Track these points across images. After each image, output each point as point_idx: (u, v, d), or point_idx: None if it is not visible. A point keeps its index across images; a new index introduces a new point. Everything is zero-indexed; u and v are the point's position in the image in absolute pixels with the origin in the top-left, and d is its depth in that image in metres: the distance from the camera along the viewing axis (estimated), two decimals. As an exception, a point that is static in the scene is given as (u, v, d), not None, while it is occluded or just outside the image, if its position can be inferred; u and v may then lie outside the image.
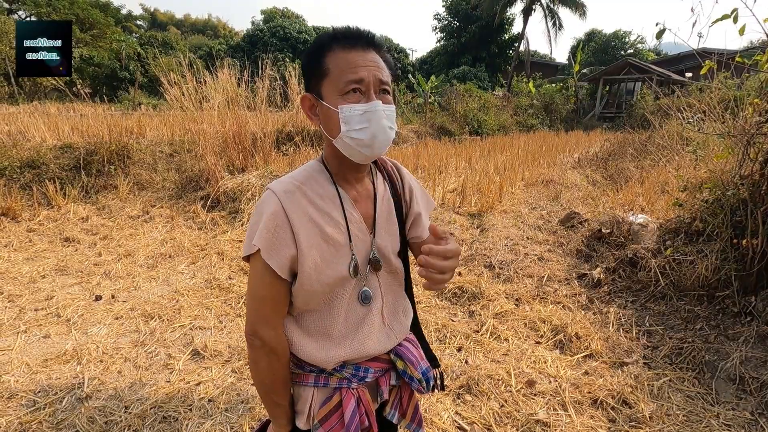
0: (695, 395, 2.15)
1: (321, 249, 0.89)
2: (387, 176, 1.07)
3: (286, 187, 0.90)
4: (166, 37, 32.97)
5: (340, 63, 0.85)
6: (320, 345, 0.93)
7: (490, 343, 2.62)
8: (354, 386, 0.96)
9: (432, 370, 1.05)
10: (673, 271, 3.03)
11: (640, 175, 6.33)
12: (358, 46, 0.86)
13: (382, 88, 0.88)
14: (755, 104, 2.80)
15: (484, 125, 15.60)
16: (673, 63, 25.17)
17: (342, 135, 0.86)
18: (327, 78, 0.86)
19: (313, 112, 0.92)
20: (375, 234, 0.98)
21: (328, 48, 0.87)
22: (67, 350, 2.50)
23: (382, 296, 1.00)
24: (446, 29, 33.40)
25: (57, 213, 5.01)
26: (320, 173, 0.95)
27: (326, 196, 0.93)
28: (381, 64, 0.89)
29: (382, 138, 0.87)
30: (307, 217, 0.89)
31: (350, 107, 0.84)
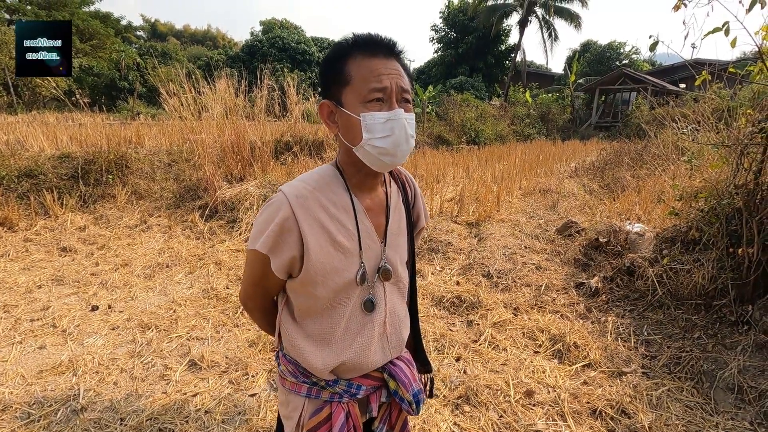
0: (694, 405, 2.15)
1: (330, 255, 0.90)
2: (401, 185, 1.07)
3: (299, 191, 0.89)
4: (166, 47, 33.20)
5: (363, 71, 0.84)
6: (318, 349, 0.94)
7: (489, 353, 2.61)
8: (345, 401, 0.97)
9: (423, 393, 1.05)
10: (670, 280, 3.04)
11: (636, 184, 6.37)
12: (380, 54, 0.86)
13: (404, 97, 0.88)
14: (748, 115, 2.84)
15: (482, 134, 15.70)
16: (667, 73, 25.47)
17: (364, 143, 0.85)
18: (349, 85, 0.85)
19: (332, 120, 0.91)
20: (386, 244, 0.98)
21: (349, 55, 0.86)
22: (62, 361, 2.48)
23: (386, 307, 0.99)
24: (443, 40, 33.73)
25: (54, 222, 5.00)
26: (335, 179, 0.94)
27: (339, 204, 0.92)
28: (402, 72, 0.88)
29: (404, 147, 0.87)
30: (318, 223, 0.89)
31: (372, 115, 0.84)
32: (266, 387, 2.30)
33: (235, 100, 6.23)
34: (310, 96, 10.69)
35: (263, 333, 2.78)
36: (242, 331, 2.87)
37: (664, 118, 7.75)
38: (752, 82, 2.83)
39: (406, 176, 1.11)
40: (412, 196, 1.10)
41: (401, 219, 1.04)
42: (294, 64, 33.99)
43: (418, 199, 1.13)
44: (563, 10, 27.61)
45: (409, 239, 1.07)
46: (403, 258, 1.04)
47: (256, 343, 2.69)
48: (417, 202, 1.13)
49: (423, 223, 1.16)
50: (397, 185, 1.06)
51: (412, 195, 1.10)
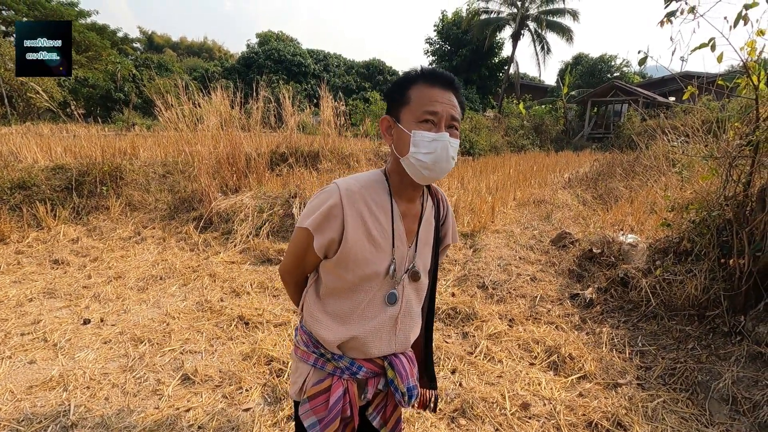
0: (689, 416, 2.15)
1: (363, 246, 1.02)
2: (436, 202, 1.20)
3: (350, 186, 1.03)
4: (162, 59, 33.36)
5: (421, 95, 0.98)
6: (331, 323, 1.07)
7: (485, 365, 2.60)
8: (345, 377, 1.08)
9: (418, 388, 1.15)
10: (664, 290, 3.06)
11: (629, 194, 6.44)
12: (439, 85, 0.99)
13: (452, 124, 1.01)
14: (736, 128, 2.90)
15: (476, 146, 15.82)
16: (657, 85, 25.91)
17: (410, 155, 0.99)
18: (407, 106, 1.00)
19: (389, 132, 1.06)
20: (416, 249, 1.11)
21: (414, 81, 1.00)
22: (53, 376, 2.44)
23: (402, 305, 1.10)
24: (438, 53, 34.19)
25: (47, 234, 4.96)
26: (381, 184, 1.08)
27: (381, 205, 1.05)
28: (455, 103, 1.02)
29: (443, 164, 0.99)
30: (359, 216, 1.02)
31: (422, 133, 0.97)
32: (260, 401, 2.27)
33: (231, 112, 6.26)
34: (306, 107, 10.75)
35: (257, 347, 2.76)
36: (236, 344, 2.85)
37: (655, 129, 7.86)
38: (739, 95, 2.90)
39: (442, 196, 1.24)
40: (443, 215, 1.23)
41: (430, 231, 1.16)
42: (290, 75, 34.22)
43: (449, 217, 1.25)
44: (555, 23, 28.13)
45: (434, 251, 1.18)
46: (427, 266, 1.16)
47: (250, 357, 2.66)
48: (447, 220, 1.25)
49: (449, 241, 1.27)
50: (432, 201, 1.19)
51: (444, 213, 1.23)
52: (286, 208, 5.25)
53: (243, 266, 4.36)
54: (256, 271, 4.23)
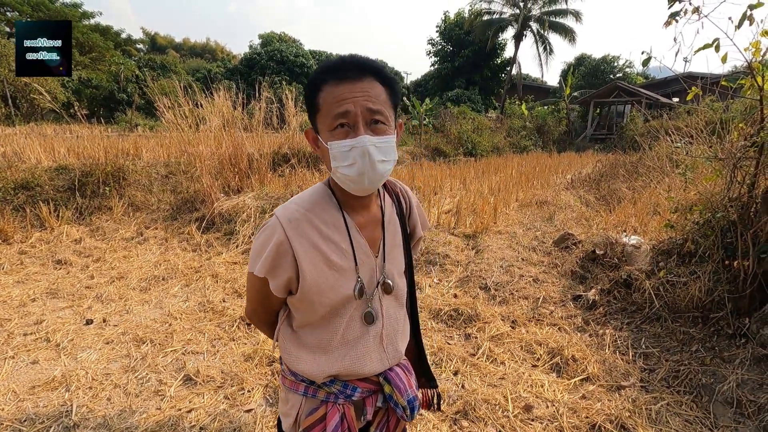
0: (693, 419, 2.13)
1: (324, 274, 0.92)
2: (395, 199, 1.09)
3: (292, 215, 0.92)
4: (165, 60, 33.45)
5: (329, 98, 0.84)
6: (314, 358, 0.97)
7: (487, 367, 2.59)
8: (340, 402, 0.99)
9: (419, 399, 1.07)
10: (667, 292, 3.04)
11: (631, 196, 6.41)
12: (348, 78, 0.84)
13: (374, 119, 0.85)
14: (740, 129, 2.88)
15: (478, 147, 15.82)
16: (660, 86, 25.84)
17: (334, 170, 0.88)
18: (319, 114, 0.87)
19: (317, 145, 0.93)
20: (384, 258, 1.00)
21: (321, 83, 0.86)
22: (55, 376, 2.45)
23: (383, 319, 1.01)
24: (440, 53, 34.21)
25: (50, 235, 4.97)
26: (327, 198, 0.97)
27: (332, 223, 0.94)
28: (374, 91, 0.85)
29: (370, 175, 0.86)
30: (311, 245, 0.92)
31: (338, 144, 0.84)
32: (262, 402, 2.27)
33: (233, 113, 6.26)
34: (308, 108, 10.75)
35: (259, 347, 2.76)
36: (238, 345, 2.85)
37: (658, 130, 7.84)
38: (743, 96, 2.88)
39: (401, 189, 1.13)
40: (407, 208, 1.12)
41: (396, 232, 1.05)
42: (292, 76, 34.27)
43: (413, 210, 1.14)
44: (557, 24, 28.11)
45: (405, 250, 1.08)
46: (401, 269, 1.06)
47: (252, 358, 2.66)
48: (412, 214, 1.14)
49: (420, 233, 1.17)
50: (391, 198, 1.08)
51: (407, 207, 1.12)
52: (288, 209, 5.25)
53: (245, 267, 4.36)
54: (258, 271, 4.23)
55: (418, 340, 1.21)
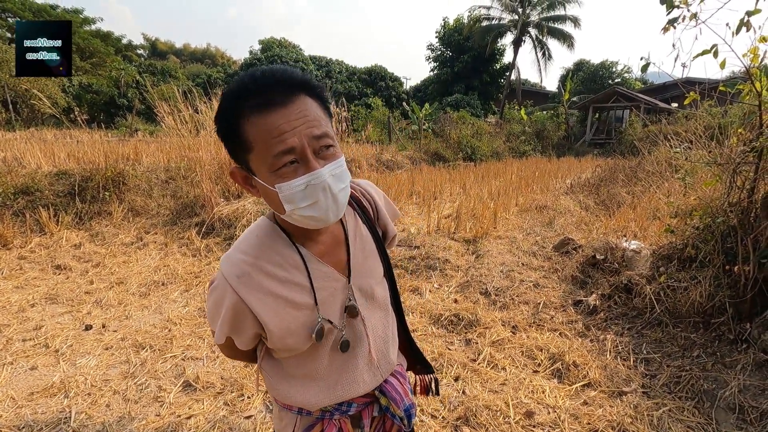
0: (696, 425, 2.12)
1: (293, 317, 0.84)
2: (358, 206, 0.99)
3: (240, 269, 0.81)
4: (166, 65, 33.60)
5: (261, 133, 0.70)
6: (303, 387, 0.92)
7: (488, 373, 2.58)
8: (336, 417, 0.96)
9: (415, 407, 1.04)
10: (668, 297, 3.04)
11: (631, 200, 6.42)
12: (276, 103, 0.70)
13: (321, 145, 0.74)
14: (739, 134, 2.89)
15: (478, 151, 15.85)
16: (659, 91, 25.97)
17: (289, 213, 0.76)
18: (252, 153, 0.73)
19: (250, 184, 0.80)
20: (351, 278, 0.91)
21: (240, 114, 0.71)
22: (54, 383, 2.43)
23: (369, 338, 0.94)
24: (439, 59, 34.36)
25: (49, 240, 4.96)
26: (274, 237, 0.85)
27: (286, 263, 0.84)
28: (311, 113, 0.73)
29: (334, 208, 0.77)
30: (269, 294, 0.82)
31: (289, 185, 0.72)
32: (262, 409, 2.26)
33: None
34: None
35: (259, 353, 2.74)
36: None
37: (657, 135, 7.86)
38: (742, 101, 2.90)
39: (361, 191, 1.02)
40: (373, 211, 1.02)
41: (365, 243, 0.96)
42: (292, 81, 34.37)
43: (380, 210, 1.03)
44: (556, 30, 28.27)
45: (381, 255, 1.00)
46: (379, 276, 0.99)
47: (251, 364, 2.65)
48: (380, 214, 1.03)
49: (393, 231, 1.07)
50: (353, 207, 0.97)
51: (373, 210, 1.02)
52: (288, 214, 5.25)
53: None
54: (258, 276, 4.22)
55: (406, 330, 1.15)
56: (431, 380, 1.20)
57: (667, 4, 2.60)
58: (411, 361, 1.20)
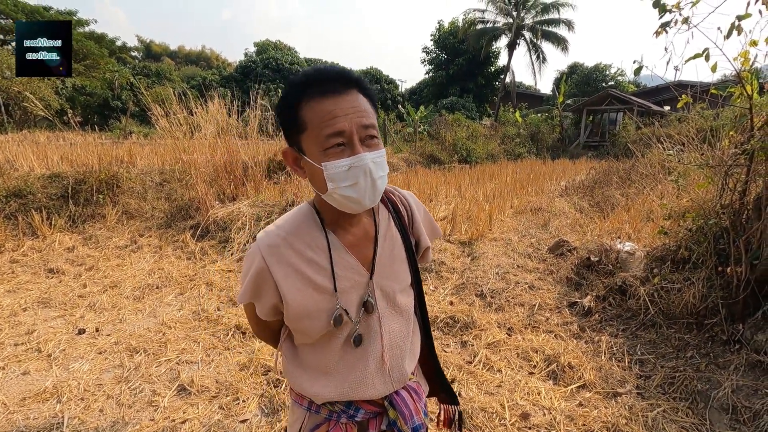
0: (690, 426, 2.13)
1: (312, 298, 0.88)
2: (393, 209, 1.02)
3: (272, 240, 0.88)
4: (160, 67, 33.47)
5: (317, 115, 0.79)
6: (313, 380, 0.94)
7: (484, 375, 2.59)
8: (343, 421, 0.96)
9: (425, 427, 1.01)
10: (662, 299, 3.06)
11: (625, 202, 6.47)
12: (333, 92, 0.79)
13: (367, 134, 0.82)
14: (731, 137, 2.92)
15: (473, 154, 15.91)
16: (652, 94, 26.20)
17: (330, 192, 0.82)
18: (305, 132, 0.81)
19: (298, 165, 0.88)
20: (373, 275, 0.94)
21: (301, 99, 0.80)
22: (46, 387, 2.41)
23: (383, 340, 0.95)
24: (434, 61, 34.49)
25: (42, 243, 4.92)
26: (310, 219, 0.92)
27: (315, 245, 0.90)
28: (362, 106, 0.82)
29: (371, 193, 0.83)
30: (293, 270, 0.87)
31: (334, 164, 0.79)
32: (257, 412, 2.25)
33: (228, 120, 6.27)
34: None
35: (255, 357, 2.73)
36: (233, 354, 2.82)
37: (650, 138, 7.93)
38: (733, 104, 2.93)
39: (400, 197, 1.05)
40: (408, 218, 1.04)
41: (395, 246, 0.99)
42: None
43: (416, 218, 1.06)
44: (550, 33, 28.48)
45: (411, 263, 1.01)
46: (404, 284, 0.99)
47: (247, 367, 2.64)
48: (415, 222, 1.05)
49: (426, 243, 1.08)
50: (387, 210, 1.01)
51: (408, 217, 1.04)
52: (283, 217, 5.24)
53: (240, 274, 4.33)
54: (253, 279, 4.21)
55: (433, 355, 1.15)
56: (455, 412, 1.18)
57: (660, 8, 2.63)
58: (435, 388, 1.18)
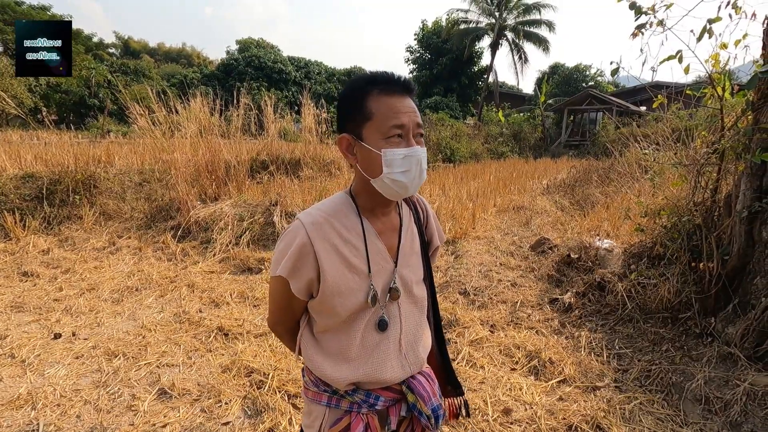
0: (665, 417, 2.20)
1: (345, 277, 0.96)
2: (413, 208, 1.14)
3: (315, 218, 0.96)
4: (139, 65, 32.73)
5: (383, 108, 0.90)
6: (335, 364, 0.99)
7: (467, 371, 2.61)
8: (364, 412, 0.99)
9: (443, 407, 1.05)
10: (639, 294, 3.14)
11: (604, 200, 6.61)
12: (397, 92, 0.92)
13: (419, 132, 0.95)
14: (703, 137, 3.02)
15: (457, 153, 16.03)
16: (630, 95, 26.80)
17: (384, 176, 0.91)
18: (370, 121, 0.91)
19: (350, 151, 0.97)
20: (397, 264, 1.03)
21: (369, 92, 0.91)
22: (20, 394, 2.34)
23: (401, 325, 1.03)
24: (418, 61, 34.58)
25: (15, 246, 4.77)
26: (347, 206, 1.01)
27: (352, 228, 0.99)
28: (416, 109, 0.95)
29: (417, 181, 0.94)
30: (333, 247, 0.95)
31: (393, 151, 0.90)
32: (240, 414, 2.23)
33: (210, 119, 6.18)
34: (287, 114, 10.71)
35: (237, 358, 2.70)
36: (215, 356, 2.79)
37: (628, 138, 8.11)
38: (704, 105, 3.03)
39: (418, 199, 1.17)
40: (424, 218, 1.16)
41: (414, 239, 1.09)
42: (270, 83, 34.04)
43: (430, 220, 1.18)
44: (532, 34, 28.86)
45: (424, 258, 1.11)
46: (419, 276, 1.09)
47: (230, 369, 2.61)
48: (429, 223, 1.18)
49: (437, 243, 1.21)
50: (408, 207, 1.13)
51: (424, 217, 1.17)
52: (266, 216, 5.20)
53: (222, 276, 4.28)
54: (236, 280, 4.16)
55: (443, 348, 1.21)
56: (461, 403, 1.22)
57: (636, 10, 2.69)
58: (442, 381, 1.21)
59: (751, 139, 2.48)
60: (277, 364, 2.61)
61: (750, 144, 2.49)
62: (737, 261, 2.62)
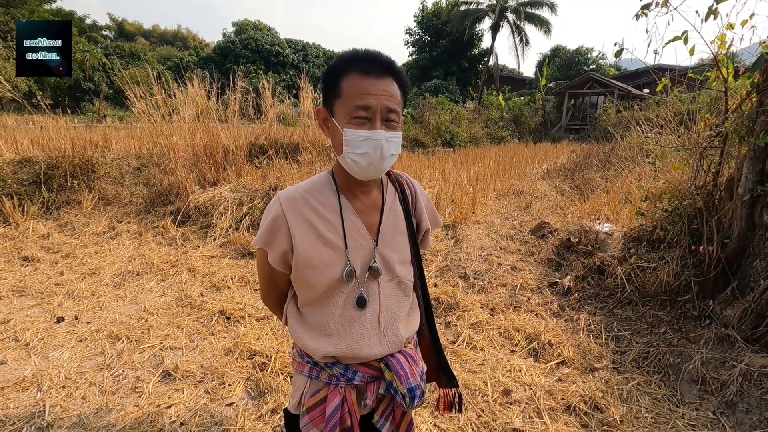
0: (662, 397, 2.24)
1: (318, 250, 0.98)
2: (400, 189, 1.13)
3: (290, 194, 1.01)
4: (134, 47, 32.19)
5: (353, 87, 0.91)
6: (314, 336, 1.02)
7: (467, 354, 2.65)
8: (342, 385, 1.02)
9: (422, 388, 1.04)
10: (638, 277, 3.16)
11: (605, 185, 6.60)
12: (374, 73, 0.91)
13: (388, 117, 0.93)
14: (706, 119, 2.99)
15: (457, 137, 15.93)
16: (632, 78, 26.52)
17: (345, 155, 0.93)
18: (339, 98, 0.93)
19: (326, 125, 1.00)
20: (378, 242, 1.04)
21: (345, 70, 0.92)
22: (25, 376, 2.36)
23: (380, 303, 1.03)
24: (418, 44, 34.08)
25: (15, 231, 4.76)
26: (326, 184, 1.04)
27: (328, 205, 1.01)
28: (392, 92, 0.93)
29: (379, 164, 0.94)
30: (306, 221, 0.99)
31: (354, 132, 0.91)
32: (243, 396, 2.26)
33: (207, 103, 6.10)
34: (285, 98, 10.58)
35: (239, 341, 2.73)
36: (218, 339, 2.81)
37: (630, 121, 8.06)
38: (709, 87, 2.99)
39: (406, 180, 1.17)
40: (412, 199, 1.15)
41: (397, 219, 1.09)
42: (268, 66, 33.58)
43: (419, 202, 1.17)
44: (533, 15, 28.39)
45: (411, 240, 1.11)
46: (404, 258, 1.08)
47: (232, 351, 2.64)
48: (418, 205, 1.17)
49: (427, 225, 1.19)
50: (394, 188, 1.12)
51: (412, 198, 1.16)
52: (266, 201, 5.18)
53: (223, 260, 4.29)
54: (236, 264, 4.18)
55: (434, 337, 1.21)
56: (455, 395, 1.22)
57: (641, -10, 2.64)
58: (435, 371, 1.21)
59: (755, 122, 2.45)
60: (279, 347, 2.64)
61: (754, 127, 2.47)
62: (737, 244, 2.63)
